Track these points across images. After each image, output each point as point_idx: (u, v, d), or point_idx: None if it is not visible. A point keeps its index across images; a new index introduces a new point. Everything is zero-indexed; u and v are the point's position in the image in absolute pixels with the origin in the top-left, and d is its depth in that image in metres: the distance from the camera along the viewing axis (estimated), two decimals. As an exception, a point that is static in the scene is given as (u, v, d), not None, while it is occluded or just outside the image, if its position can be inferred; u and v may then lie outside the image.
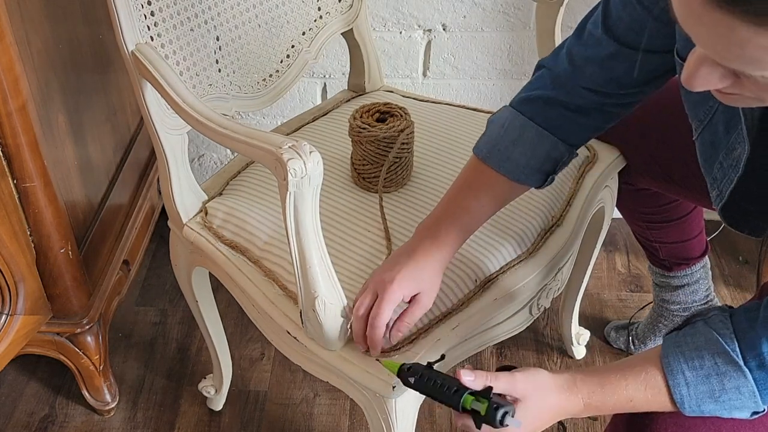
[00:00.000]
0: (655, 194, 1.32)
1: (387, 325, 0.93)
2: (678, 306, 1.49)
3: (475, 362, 1.58)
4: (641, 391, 0.82)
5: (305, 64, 1.27)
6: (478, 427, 0.81)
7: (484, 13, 1.66)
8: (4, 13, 1.02)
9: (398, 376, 0.86)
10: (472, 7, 1.65)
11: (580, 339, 1.52)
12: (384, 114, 1.17)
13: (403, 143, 1.14)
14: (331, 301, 0.92)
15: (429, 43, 1.70)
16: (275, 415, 1.49)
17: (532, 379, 0.84)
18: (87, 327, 1.34)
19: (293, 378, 1.55)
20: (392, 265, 0.94)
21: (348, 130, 1.15)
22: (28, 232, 1.20)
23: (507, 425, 0.79)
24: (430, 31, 1.68)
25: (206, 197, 1.18)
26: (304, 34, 1.27)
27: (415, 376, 0.85)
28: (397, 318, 0.94)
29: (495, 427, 0.79)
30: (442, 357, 0.90)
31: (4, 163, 1.12)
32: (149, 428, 1.47)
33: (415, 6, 1.64)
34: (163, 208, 1.71)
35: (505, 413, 0.79)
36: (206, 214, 1.16)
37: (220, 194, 1.20)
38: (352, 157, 1.18)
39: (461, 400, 0.81)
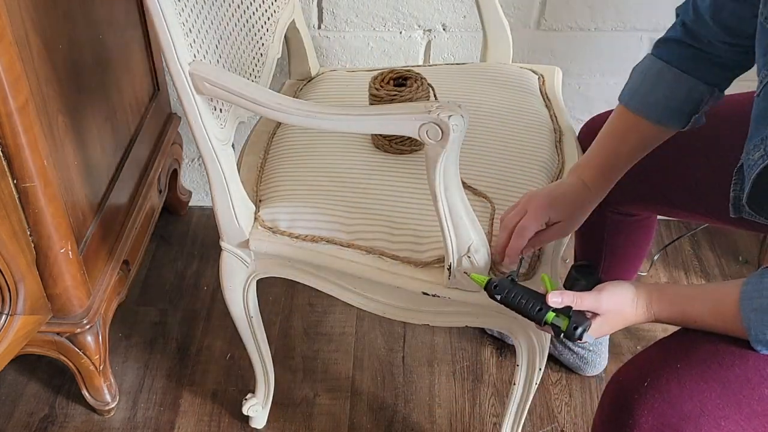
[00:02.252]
0: (641, 226, 1.33)
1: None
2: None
3: (476, 362, 1.58)
4: (707, 315, 0.89)
5: (274, 61, 1.27)
6: (557, 337, 0.91)
7: (484, 13, 1.66)
8: (4, 13, 1.02)
9: (485, 289, 0.95)
10: (472, 7, 1.65)
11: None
12: (402, 79, 1.21)
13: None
14: (480, 246, 1.00)
15: (429, 43, 1.70)
16: (275, 415, 1.49)
17: (615, 300, 0.92)
18: (87, 327, 1.34)
19: (293, 378, 1.55)
20: (547, 192, 1.04)
21: (368, 100, 1.20)
22: (28, 232, 1.20)
23: (583, 339, 0.90)
24: (430, 31, 1.68)
25: (254, 207, 1.17)
26: (267, 30, 1.26)
27: (501, 293, 0.93)
28: (534, 235, 1.02)
29: (573, 341, 0.91)
30: (521, 261, 1.01)
31: (4, 163, 1.11)
32: (149, 428, 1.47)
33: (415, 6, 1.64)
34: (164, 208, 1.72)
35: (584, 330, 0.89)
36: (263, 221, 1.15)
37: (261, 200, 1.18)
38: None
39: (544, 318, 0.91)
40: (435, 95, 1.24)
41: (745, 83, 1.79)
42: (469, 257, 1.00)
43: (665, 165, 1.16)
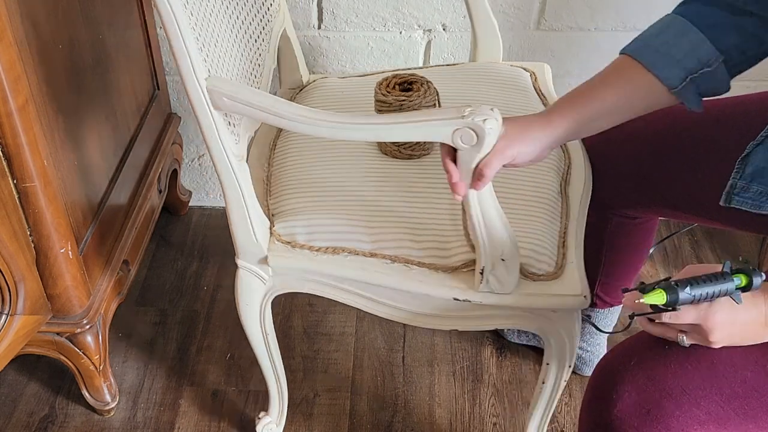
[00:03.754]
0: (642, 229, 1.33)
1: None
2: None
3: (476, 362, 1.58)
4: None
5: (271, 71, 1.25)
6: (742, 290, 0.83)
7: (484, 13, 1.66)
8: (4, 13, 1.02)
9: (669, 296, 0.82)
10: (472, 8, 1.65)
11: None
12: (407, 84, 1.20)
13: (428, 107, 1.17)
14: (514, 250, 1.00)
15: (429, 43, 1.70)
16: (275, 415, 1.49)
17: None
18: (87, 327, 1.34)
19: (293, 378, 1.56)
20: (508, 126, 0.94)
21: (374, 106, 1.19)
22: (28, 232, 1.20)
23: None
24: (430, 31, 1.68)
25: (268, 221, 1.14)
26: (263, 40, 1.25)
27: (686, 287, 0.82)
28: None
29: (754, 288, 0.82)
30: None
31: (4, 163, 1.12)
32: (149, 428, 1.47)
33: (415, 6, 1.64)
34: (164, 208, 1.72)
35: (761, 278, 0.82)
36: (279, 236, 1.13)
37: (273, 214, 1.16)
38: None
39: (734, 282, 0.82)
40: (439, 100, 1.23)
41: (745, 83, 1.79)
42: (503, 260, 1.00)
43: (667, 167, 1.17)
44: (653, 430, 0.88)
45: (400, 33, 1.69)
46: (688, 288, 0.82)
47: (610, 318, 1.47)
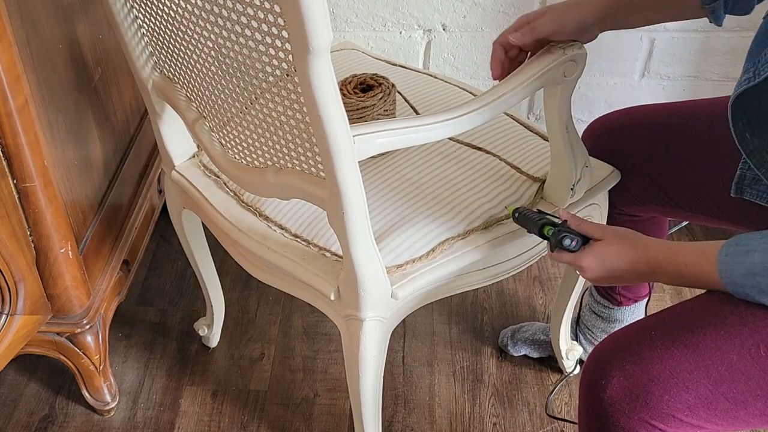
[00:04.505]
0: (652, 225, 1.33)
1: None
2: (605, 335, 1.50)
3: (476, 362, 1.58)
4: (694, 258, 0.92)
5: None
6: (552, 250, 1.01)
7: (484, 13, 1.66)
8: (4, 13, 1.02)
9: (512, 214, 1.09)
10: (472, 7, 1.65)
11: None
12: (368, 85, 1.21)
13: (379, 112, 1.17)
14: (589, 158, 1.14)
15: (429, 43, 1.70)
16: (275, 415, 1.49)
17: (616, 229, 0.99)
18: (87, 327, 1.34)
19: (293, 378, 1.55)
20: (545, 8, 1.05)
21: None
22: (28, 232, 1.20)
23: (566, 247, 0.98)
24: (430, 31, 1.68)
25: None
26: None
27: (520, 212, 1.07)
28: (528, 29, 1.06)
29: (553, 246, 1.00)
30: (540, 213, 1.07)
31: (4, 163, 1.12)
32: (149, 428, 1.47)
33: (415, 6, 1.64)
34: (164, 207, 1.71)
35: (563, 237, 0.98)
36: (387, 265, 1.08)
37: None
38: None
39: (542, 229, 1.01)
40: (409, 102, 1.23)
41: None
42: (587, 166, 1.12)
43: (669, 166, 1.17)
44: (643, 414, 0.90)
45: (400, 33, 1.69)
46: (530, 215, 1.04)
47: (636, 313, 1.47)
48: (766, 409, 0.88)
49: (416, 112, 1.29)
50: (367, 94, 1.18)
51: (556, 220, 1.02)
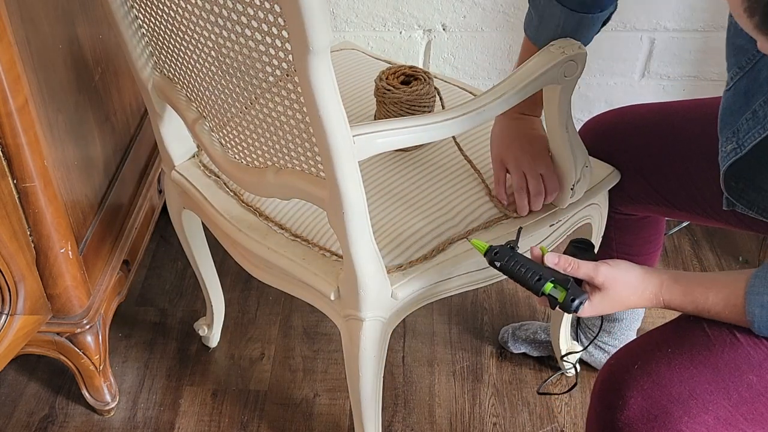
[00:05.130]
0: (649, 223, 1.33)
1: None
2: (607, 335, 1.50)
3: (476, 362, 1.58)
4: (720, 307, 0.88)
5: None
6: (553, 308, 0.92)
7: (484, 13, 1.66)
8: (4, 13, 1.02)
9: (485, 256, 0.97)
10: (472, 7, 1.65)
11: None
12: (409, 77, 1.23)
13: (423, 105, 1.19)
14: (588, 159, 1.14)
15: (429, 43, 1.70)
16: (275, 415, 1.49)
17: (617, 274, 0.91)
18: (87, 327, 1.34)
19: (293, 378, 1.55)
20: (508, 144, 1.12)
21: (374, 90, 1.21)
22: (28, 232, 1.20)
23: (575, 309, 0.90)
24: (430, 31, 1.68)
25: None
26: None
27: (501, 261, 0.95)
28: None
29: (569, 313, 0.91)
30: (519, 230, 1.03)
31: (4, 163, 1.12)
32: (149, 428, 1.47)
33: (415, 6, 1.64)
34: (164, 207, 1.71)
35: (580, 303, 0.90)
36: (387, 266, 1.08)
37: None
38: (375, 117, 1.24)
39: (542, 288, 0.92)
40: (441, 97, 1.24)
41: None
42: (587, 166, 1.11)
43: (663, 166, 1.17)
44: None
45: (400, 33, 1.69)
46: (505, 261, 0.95)
47: (636, 313, 1.47)
48: None
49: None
50: (410, 86, 1.20)
51: (545, 269, 0.93)
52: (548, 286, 0.92)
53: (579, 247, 0.96)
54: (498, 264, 0.96)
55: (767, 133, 0.87)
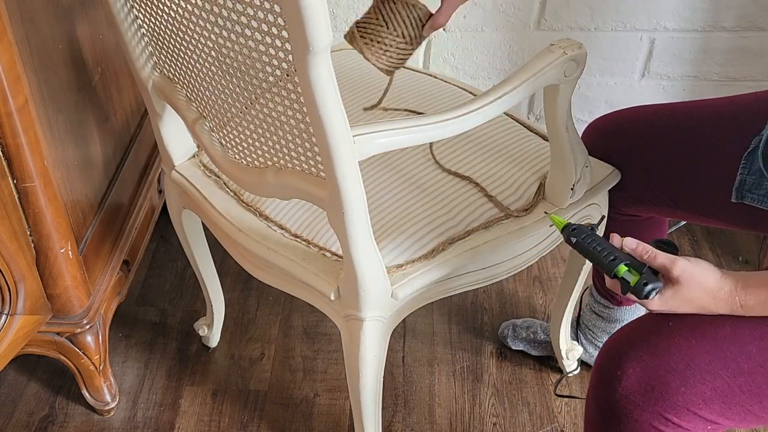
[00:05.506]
0: (652, 224, 1.33)
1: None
2: (607, 335, 1.50)
3: (476, 362, 1.58)
4: None
5: None
6: (624, 293, 0.89)
7: (484, 13, 1.66)
8: (4, 13, 1.02)
9: (562, 232, 0.96)
10: (472, 7, 1.65)
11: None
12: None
13: (419, 20, 1.08)
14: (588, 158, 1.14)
15: (429, 43, 1.70)
16: (275, 415, 1.49)
17: (694, 270, 0.87)
18: (87, 327, 1.34)
19: (293, 378, 1.55)
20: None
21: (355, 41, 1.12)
22: (28, 232, 1.20)
23: (647, 295, 0.87)
24: (430, 31, 1.68)
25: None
26: None
27: (578, 237, 0.93)
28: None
29: (640, 298, 0.88)
30: (602, 218, 1.00)
31: (4, 163, 1.12)
32: (149, 428, 1.47)
33: (415, 6, 1.64)
34: (164, 207, 1.72)
35: (653, 289, 0.87)
36: (387, 265, 1.08)
37: None
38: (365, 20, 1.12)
39: (615, 269, 0.89)
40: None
41: (745, 83, 1.80)
42: (587, 166, 1.12)
43: (668, 167, 1.17)
44: (658, 407, 0.88)
45: (400, 33, 1.68)
46: (582, 238, 0.93)
47: (637, 313, 1.47)
48: None
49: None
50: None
51: (621, 253, 0.91)
52: (622, 268, 0.89)
53: (661, 246, 0.93)
54: (574, 240, 0.94)
55: None
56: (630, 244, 0.91)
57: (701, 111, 1.15)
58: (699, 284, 0.88)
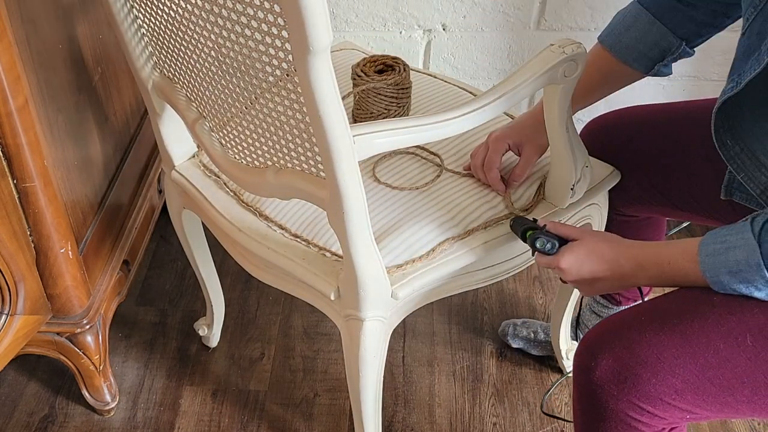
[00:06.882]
0: (650, 224, 1.33)
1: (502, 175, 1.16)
2: None
3: (476, 362, 1.58)
4: (677, 254, 0.94)
5: None
6: (533, 254, 1.06)
7: (484, 13, 1.66)
8: (4, 13, 1.02)
9: (509, 224, 1.11)
10: (472, 7, 1.65)
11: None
12: (387, 67, 1.25)
13: (392, 96, 1.21)
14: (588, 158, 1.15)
15: (429, 43, 1.70)
16: (275, 415, 1.49)
17: (595, 231, 1.03)
18: (87, 327, 1.34)
19: (293, 378, 1.56)
20: (504, 125, 1.17)
21: (350, 75, 1.24)
22: (28, 232, 1.20)
23: (541, 249, 1.01)
24: (430, 31, 1.68)
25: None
26: None
27: (514, 219, 1.10)
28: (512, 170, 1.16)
29: (532, 250, 1.03)
30: (534, 221, 1.10)
31: (4, 163, 1.12)
32: (149, 428, 1.47)
33: (415, 6, 1.64)
34: (164, 207, 1.72)
35: (537, 238, 1.01)
36: (386, 265, 1.08)
37: None
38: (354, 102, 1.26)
39: (524, 233, 1.05)
40: (400, 87, 1.25)
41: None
42: (587, 166, 1.13)
43: (666, 166, 1.17)
44: (631, 396, 0.91)
45: (400, 33, 1.69)
46: (520, 222, 1.08)
47: None
48: (753, 396, 0.89)
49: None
50: (381, 75, 1.22)
51: (540, 231, 1.04)
52: (527, 233, 1.04)
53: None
54: (511, 222, 1.10)
55: (763, 65, 0.86)
56: (542, 222, 1.05)
57: (698, 110, 1.16)
58: (601, 237, 1.00)
